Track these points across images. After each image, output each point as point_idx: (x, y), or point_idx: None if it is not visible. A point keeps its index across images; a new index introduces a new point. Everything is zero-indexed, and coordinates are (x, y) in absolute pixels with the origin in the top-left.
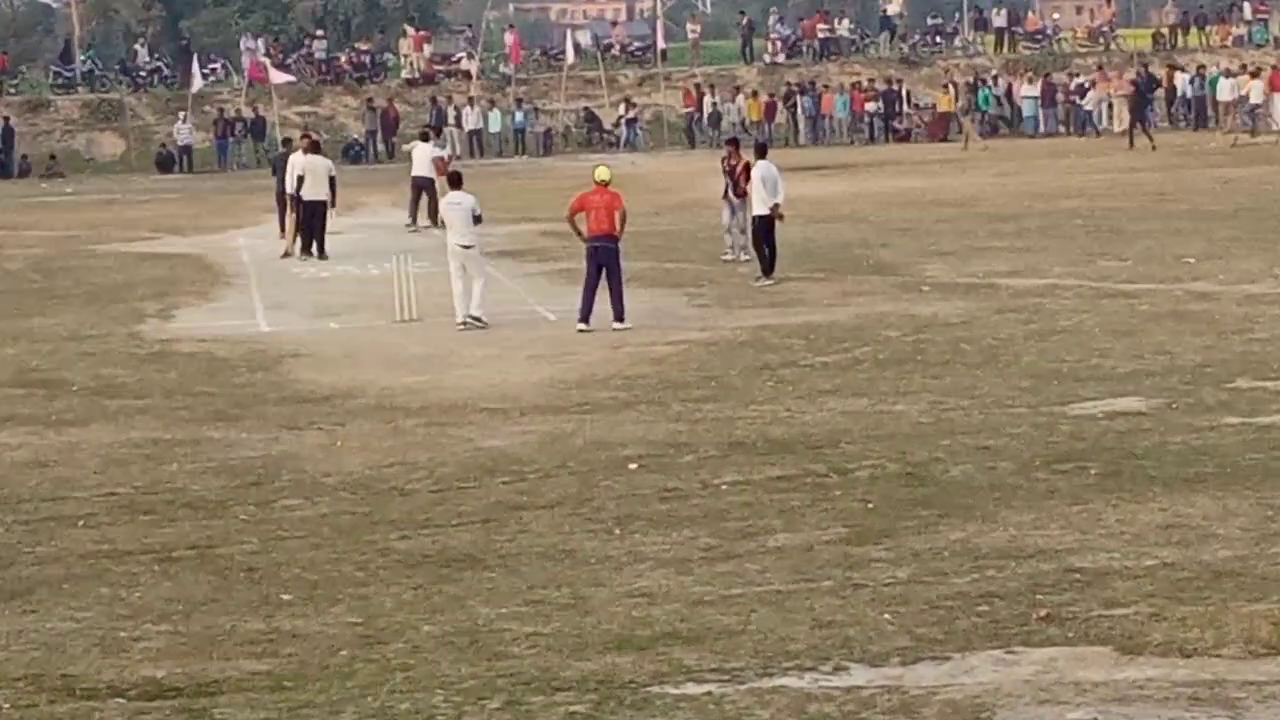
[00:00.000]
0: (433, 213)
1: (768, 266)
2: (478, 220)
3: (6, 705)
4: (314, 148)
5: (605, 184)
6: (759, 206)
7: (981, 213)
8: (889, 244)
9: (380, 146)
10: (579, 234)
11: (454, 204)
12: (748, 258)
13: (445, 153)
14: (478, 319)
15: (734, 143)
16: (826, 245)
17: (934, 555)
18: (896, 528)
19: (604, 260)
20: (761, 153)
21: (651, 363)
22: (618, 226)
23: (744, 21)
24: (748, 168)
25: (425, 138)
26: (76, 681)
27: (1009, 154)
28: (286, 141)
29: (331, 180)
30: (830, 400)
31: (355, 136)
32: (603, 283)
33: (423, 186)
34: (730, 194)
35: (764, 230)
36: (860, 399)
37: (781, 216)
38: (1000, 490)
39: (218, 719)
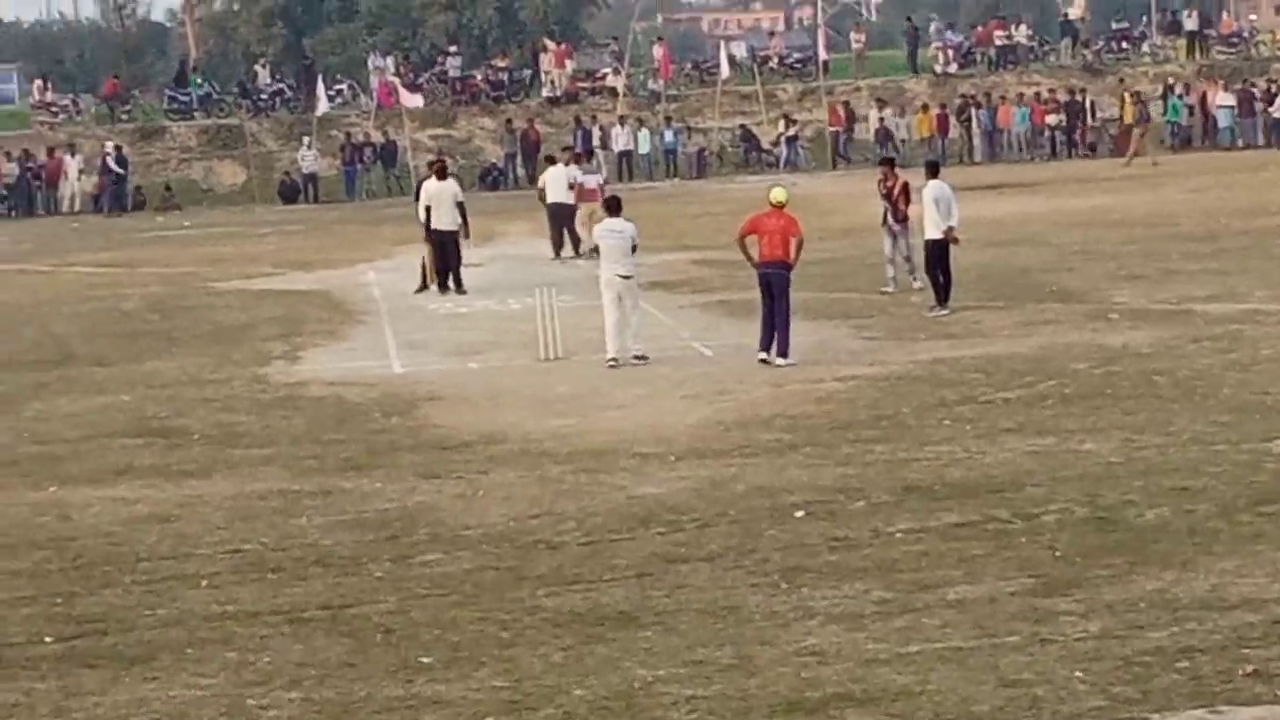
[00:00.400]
0: (574, 241)
1: (943, 295)
2: (634, 249)
3: None
4: (440, 172)
5: (781, 206)
6: (931, 230)
7: (1174, 233)
8: (1073, 268)
9: (520, 171)
10: (749, 259)
11: (613, 231)
12: (920, 285)
13: (600, 177)
14: (642, 357)
15: (889, 163)
16: (1005, 271)
17: (1128, 607)
18: (1086, 577)
19: (776, 287)
20: (933, 171)
21: (817, 401)
22: (793, 253)
23: (909, 28)
24: (906, 189)
25: (552, 160)
26: None
27: (1203, 168)
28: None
29: (460, 207)
30: (1012, 439)
31: (494, 160)
32: None
33: (561, 214)
34: (890, 219)
35: (938, 256)
36: (1045, 437)
37: (957, 240)
38: (1200, 535)
39: None
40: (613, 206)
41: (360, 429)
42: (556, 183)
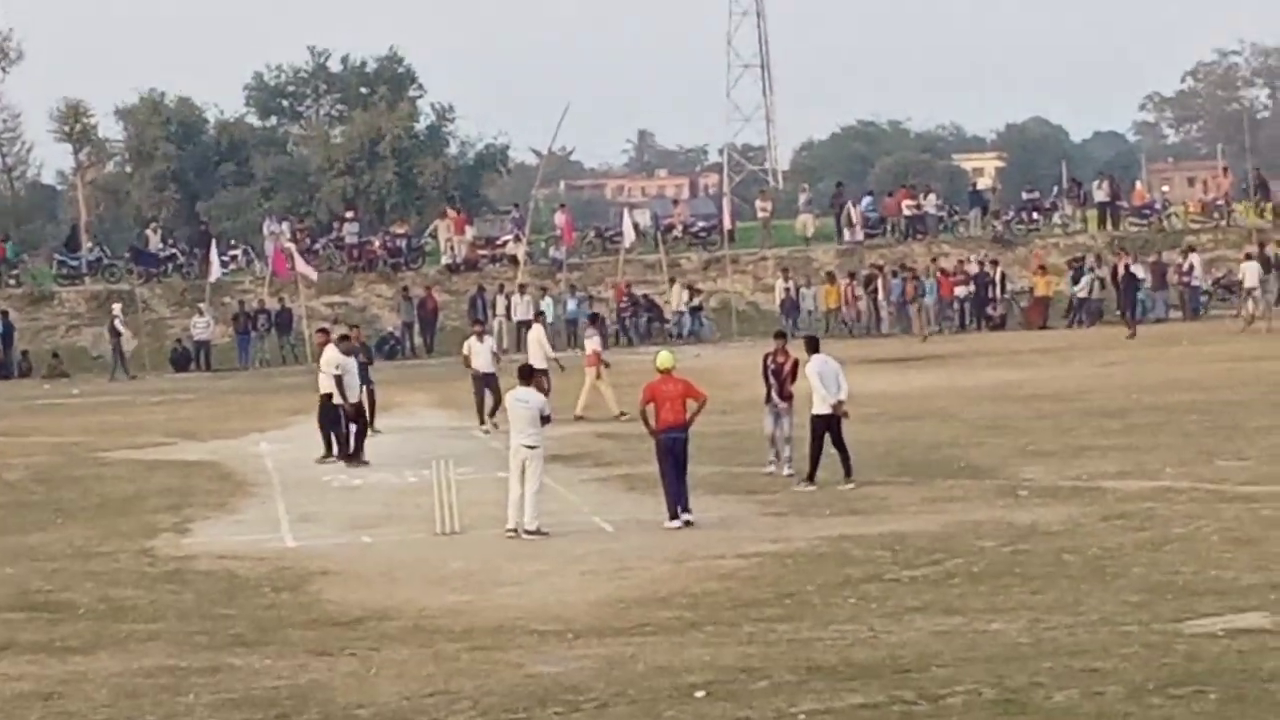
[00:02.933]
0: (495, 406)
1: (846, 468)
2: (545, 420)
3: None
4: (345, 342)
5: (669, 371)
6: (818, 405)
7: (1085, 408)
8: (982, 443)
9: (418, 340)
10: (649, 428)
11: (520, 401)
12: (790, 472)
13: (597, 341)
14: (538, 531)
15: (781, 336)
16: (913, 446)
17: None
18: None
19: (678, 451)
20: (813, 347)
21: (720, 578)
22: (689, 415)
23: (836, 194)
24: (795, 366)
25: (480, 336)
26: None
27: (1112, 342)
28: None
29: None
30: (919, 619)
31: (391, 329)
32: None
33: (487, 383)
34: (775, 397)
35: (829, 430)
36: (953, 617)
37: (846, 414)
38: (1109, 718)
39: None
40: (524, 375)
41: (250, 604)
42: (483, 353)
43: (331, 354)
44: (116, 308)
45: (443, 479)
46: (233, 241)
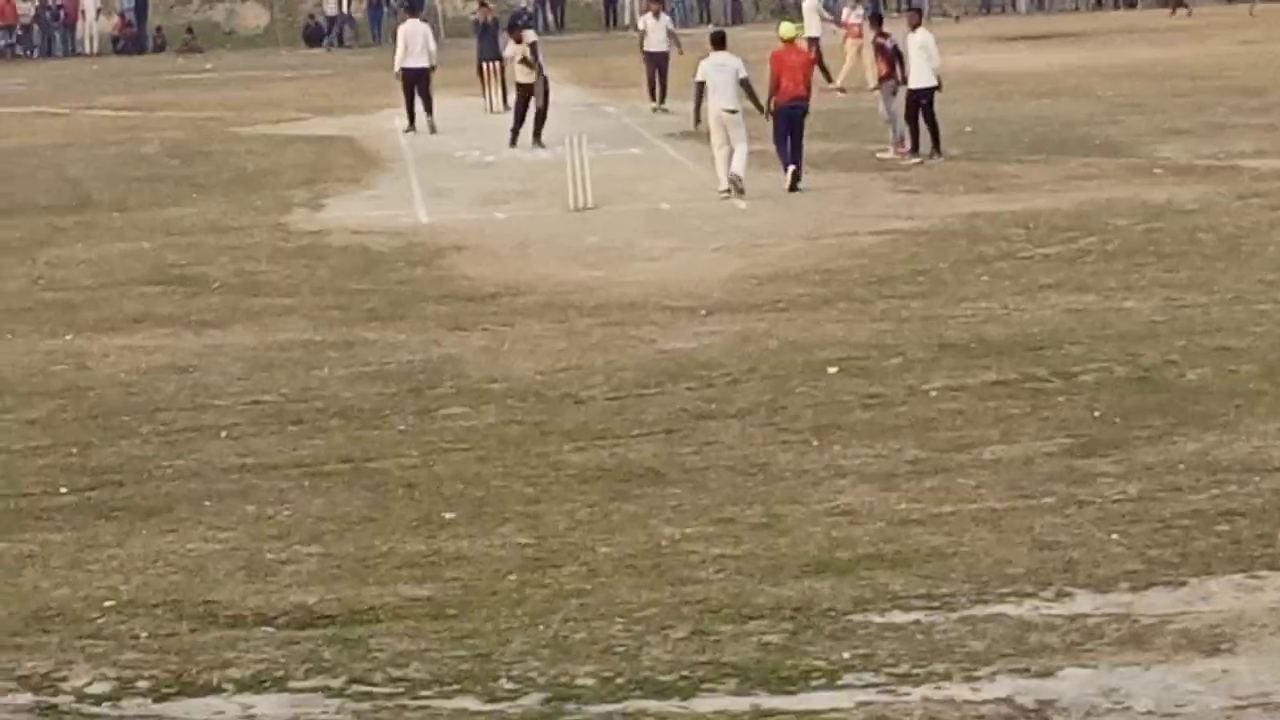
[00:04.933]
0: (664, 93)
1: (917, 144)
2: (744, 84)
3: (145, 634)
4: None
5: (792, 41)
6: (926, 78)
7: (1223, 86)
8: (1118, 121)
9: (549, 16)
10: (768, 100)
11: (720, 65)
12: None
13: (860, 11)
14: (738, 178)
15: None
16: (1048, 123)
17: (1168, 469)
18: (1126, 438)
19: (796, 120)
20: (917, 20)
21: (853, 255)
22: (810, 87)
23: None
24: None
25: (656, 13)
26: (220, 608)
27: (1253, 20)
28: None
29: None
30: (1052, 296)
31: (523, 6)
32: None
33: (658, 63)
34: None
35: (923, 105)
36: (1086, 295)
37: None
38: (1242, 396)
39: (374, 649)
40: (717, 41)
41: (384, 279)
42: (656, 31)
43: (509, 49)
44: None
45: (576, 155)
46: None
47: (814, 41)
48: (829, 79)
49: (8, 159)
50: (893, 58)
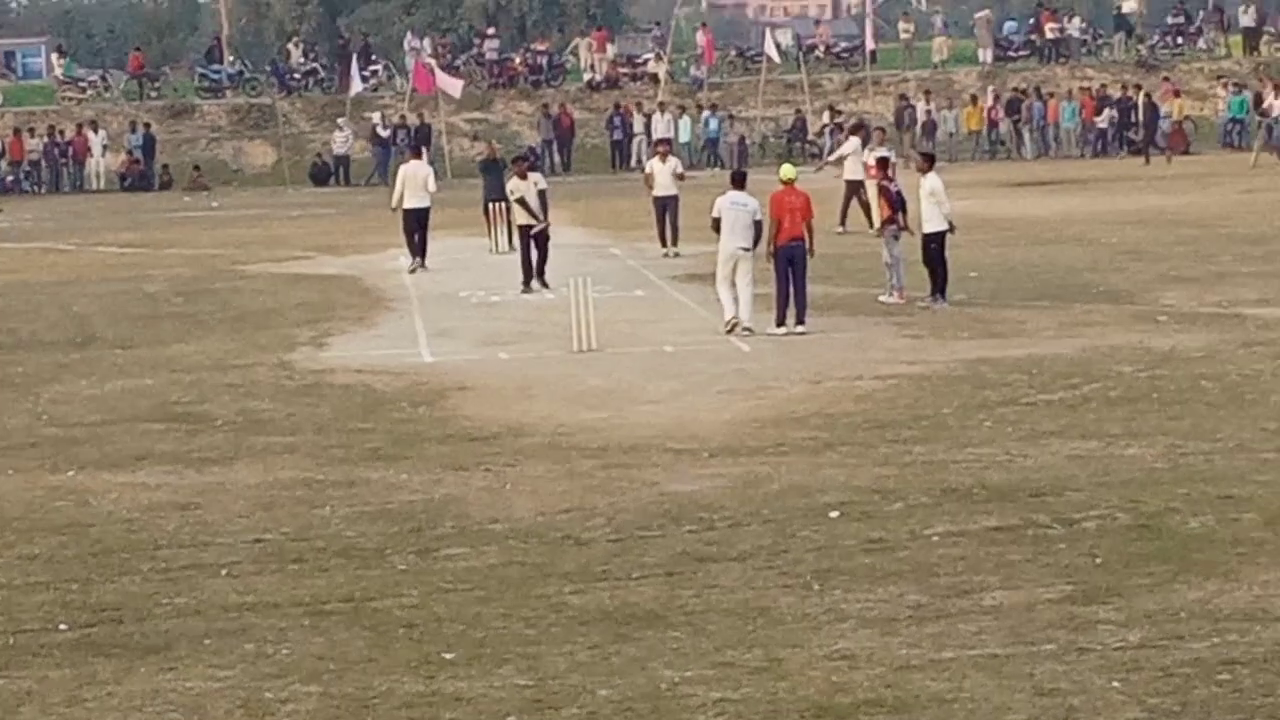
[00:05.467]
0: (674, 236)
1: (940, 286)
2: (758, 225)
3: None
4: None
5: (791, 182)
6: (938, 222)
7: (1227, 234)
8: (1122, 268)
9: (556, 158)
10: (770, 243)
11: (739, 205)
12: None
13: (888, 150)
14: (750, 329)
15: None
16: (1052, 269)
17: (1169, 617)
18: (1127, 586)
19: (799, 263)
20: (930, 163)
21: (856, 399)
22: (809, 229)
23: (982, 16)
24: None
25: (664, 156)
26: None
27: (1257, 170)
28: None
29: (542, 195)
30: (1055, 442)
31: (530, 145)
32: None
33: (667, 206)
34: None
35: (937, 248)
36: (1088, 441)
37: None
38: (1244, 545)
39: None
40: (738, 180)
41: (387, 418)
42: (664, 174)
43: (512, 183)
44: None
45: (580, 297)
46: (373, 57)
47: (857, 185)
48: (871, 223)
49: (13, 294)
50: (896, 202)
